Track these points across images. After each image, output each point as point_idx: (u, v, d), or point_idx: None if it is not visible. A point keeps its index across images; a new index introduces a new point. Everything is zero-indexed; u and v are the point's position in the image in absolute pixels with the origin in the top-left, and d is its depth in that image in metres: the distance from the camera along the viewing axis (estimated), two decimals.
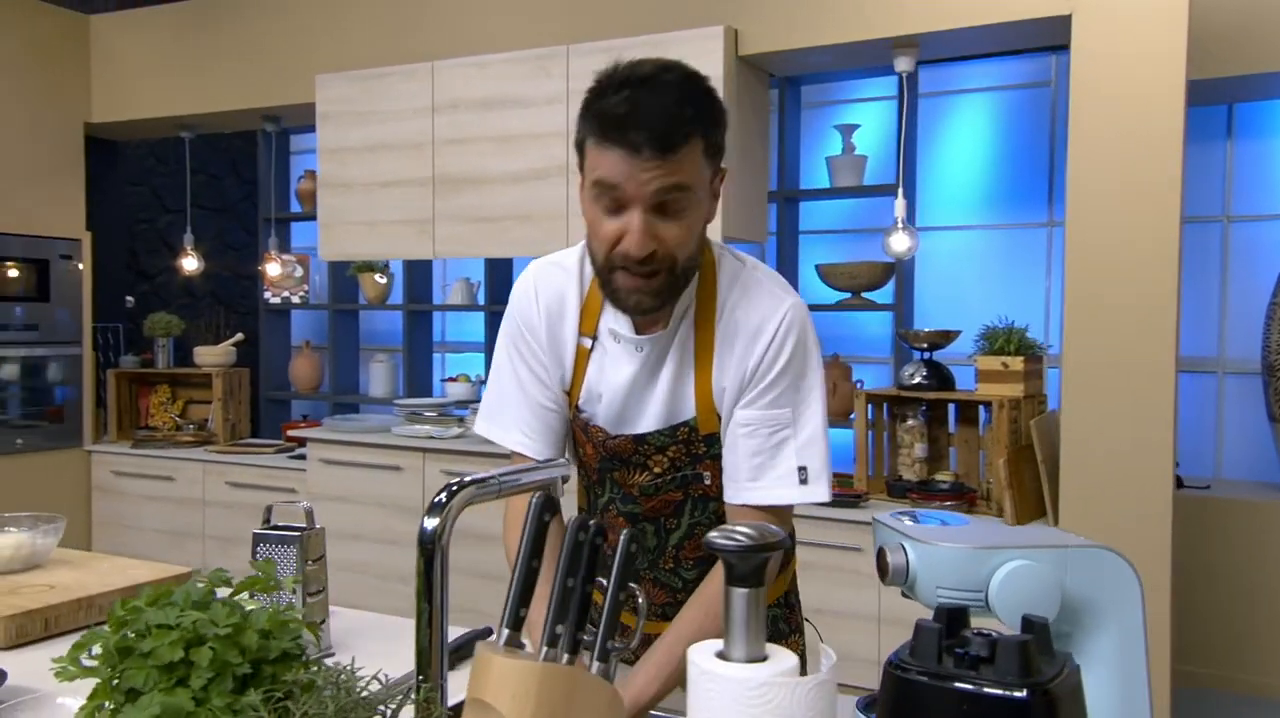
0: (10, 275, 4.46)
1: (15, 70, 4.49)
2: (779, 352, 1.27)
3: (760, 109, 3.78)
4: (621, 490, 1.40)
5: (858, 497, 3.39)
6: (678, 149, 1.14)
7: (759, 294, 1.30)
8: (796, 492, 1.28)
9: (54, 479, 4.60)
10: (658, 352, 1.32)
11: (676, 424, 1.33)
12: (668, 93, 1.15)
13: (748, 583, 0.77)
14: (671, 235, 1.19)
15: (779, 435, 1.28)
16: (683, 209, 1.18)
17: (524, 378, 1.40)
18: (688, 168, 1.16)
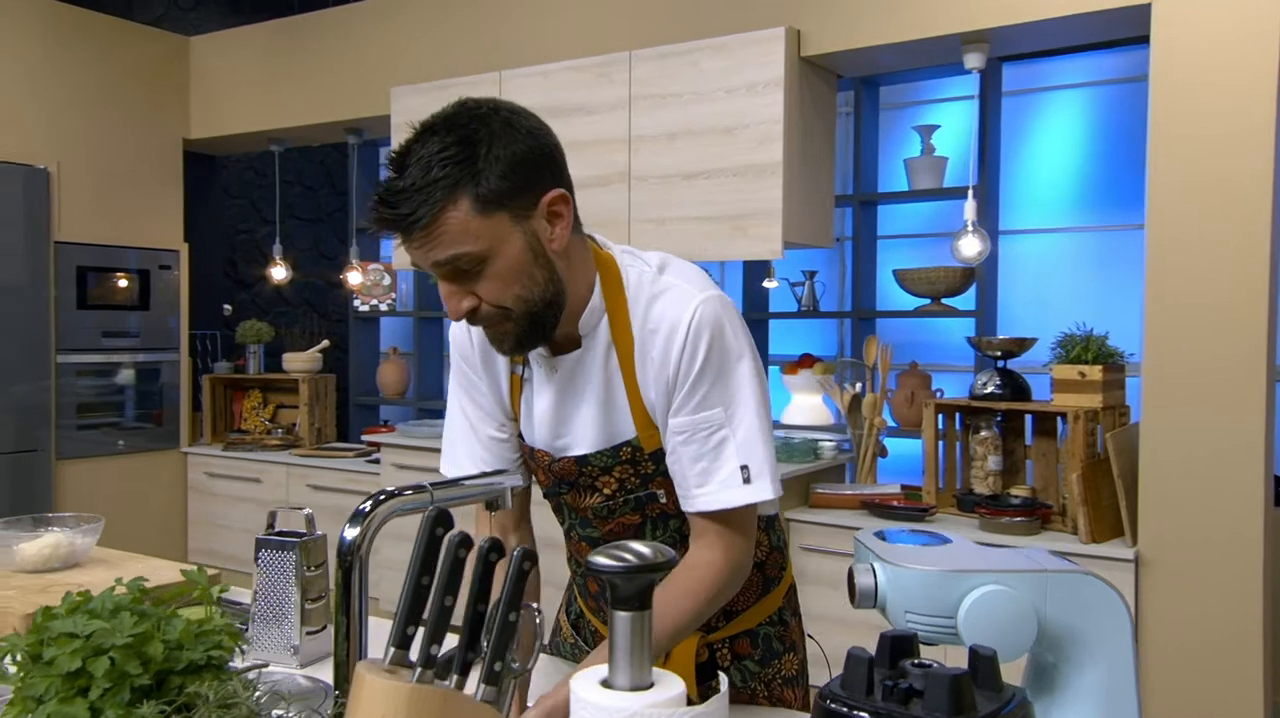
0: (120, 285, 4.72)
1: (122, 92, 4.75)
2: (695, 352, 1.21)
3: (825, 111, 3.69)
4: (578, 515, 1.37)
5: (924, 510, 3.27)
6: (432, 225, 1.10)
7: (667, 297, 1.24)
8: (742, 492, 1.22)
9: (153, 479, 4.84)
10: (574, 372, 1.29)
11: (618, 444, 1.29)
12: (415, 166, 1.10)
13: (632, 606, 0.74)
14: (486, 292, 1.15)
15: (717, 437, 1.23)
16: (478, 268, 1.14)
17: (470, 412, 1.40)
18: (454, 237, 1.10)
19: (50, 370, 4.46)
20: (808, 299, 4.48)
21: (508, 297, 1.16)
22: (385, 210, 1.11)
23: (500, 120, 1.14)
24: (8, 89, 4.33)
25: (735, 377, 1.23)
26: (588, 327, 1.27)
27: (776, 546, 1.46)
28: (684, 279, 1.26)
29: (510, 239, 1.14)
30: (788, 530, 3.42)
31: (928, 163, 4.08)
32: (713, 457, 1.23)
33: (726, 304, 1.25)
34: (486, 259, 1.13)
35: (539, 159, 1.16)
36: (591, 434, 1.29)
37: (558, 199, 1.18)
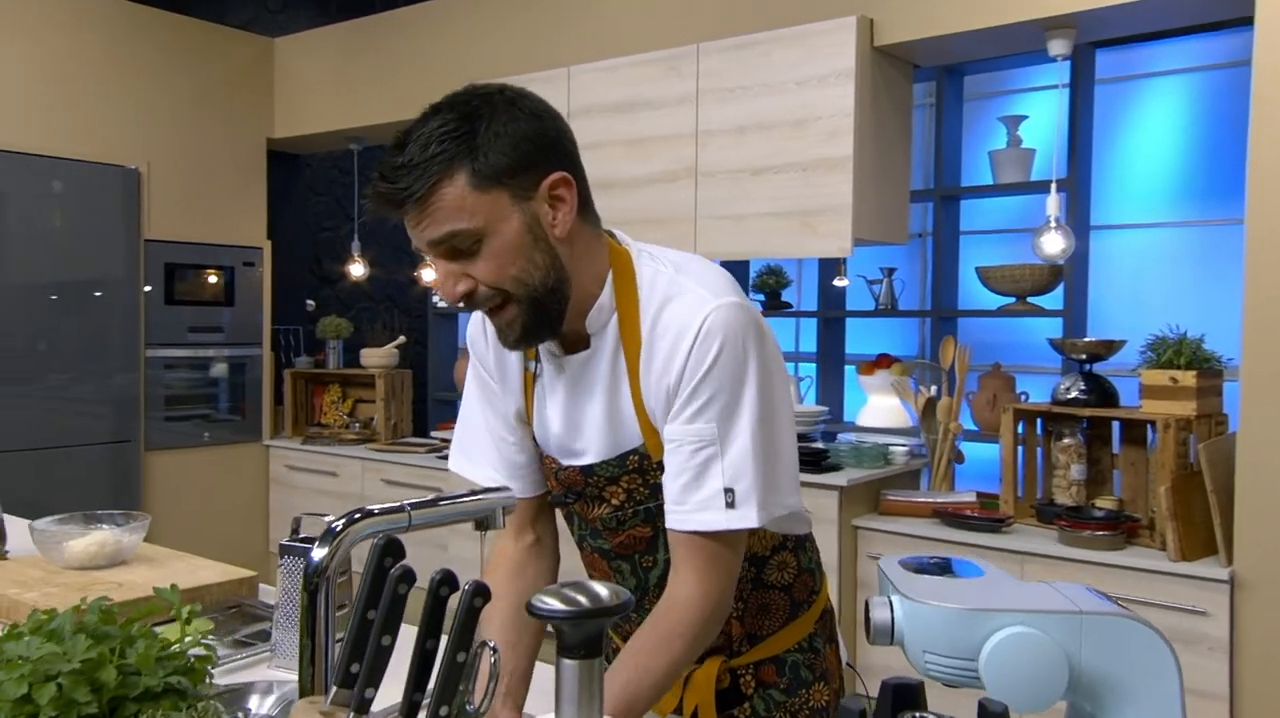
0: (206, 281, 4.86)
1: (210, 93, 4.88)
2: (700, 360, 1.13)
3: (900, 103, 3.55)
4: (587, 526, 1.31)
5: (1000, 521, 3.11)
6: (429, 198, 1.07)
7: (680, 301, 1.17)
8: (722, 516, 1.14)
9: (236, 471, 4.98)
10: (583, 373, 1.23)
11: (624, 452, 1.22)
12: (415, 143, 1.08)
13: (579, 654, 0.67)
14: (482, 273, 1.11)
15: (703, 454, 1.14)
16: (475, 247, 1.10)
17: (484, 411, 1.36)
18: (450, 212, 1.07)
19: (139, 364, 4.61)
20: (885, 297, 4.33)
21: (505, 278, 1.12)
22: (382, 185, 1.08)
23: (504, 99, 1.12)
24: (102, 92, 4.49)
25: (738, 394, 1.15)
26: (596, 325, 1.20)
27: (807, 567, 1.37)
28: (701, 283, 1.18)
29: (509, 218, 1.10)
30: (855, 538, 3.30)
31: (1014, 155, 3.90)
32: (694, 474, 1.15)
33: (744, 313, 1.16)
34: (483, 237, 1.09)
35: (542, 140, 1.12)
36: (599, 441, 1.23)
37: (560, 182, 1.13)
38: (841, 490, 3.24)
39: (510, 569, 1.36)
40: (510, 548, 1.38)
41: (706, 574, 1.16)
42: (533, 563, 1.38)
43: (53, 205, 4.32)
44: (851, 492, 3.29)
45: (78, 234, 4.40)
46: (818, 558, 1.41)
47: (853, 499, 3.30)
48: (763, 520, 1.15)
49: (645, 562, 1.29)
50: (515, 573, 1.36)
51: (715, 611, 1.18)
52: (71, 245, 4.38)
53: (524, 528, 1.38)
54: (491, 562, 1.38)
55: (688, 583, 1.16)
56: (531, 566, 1.37)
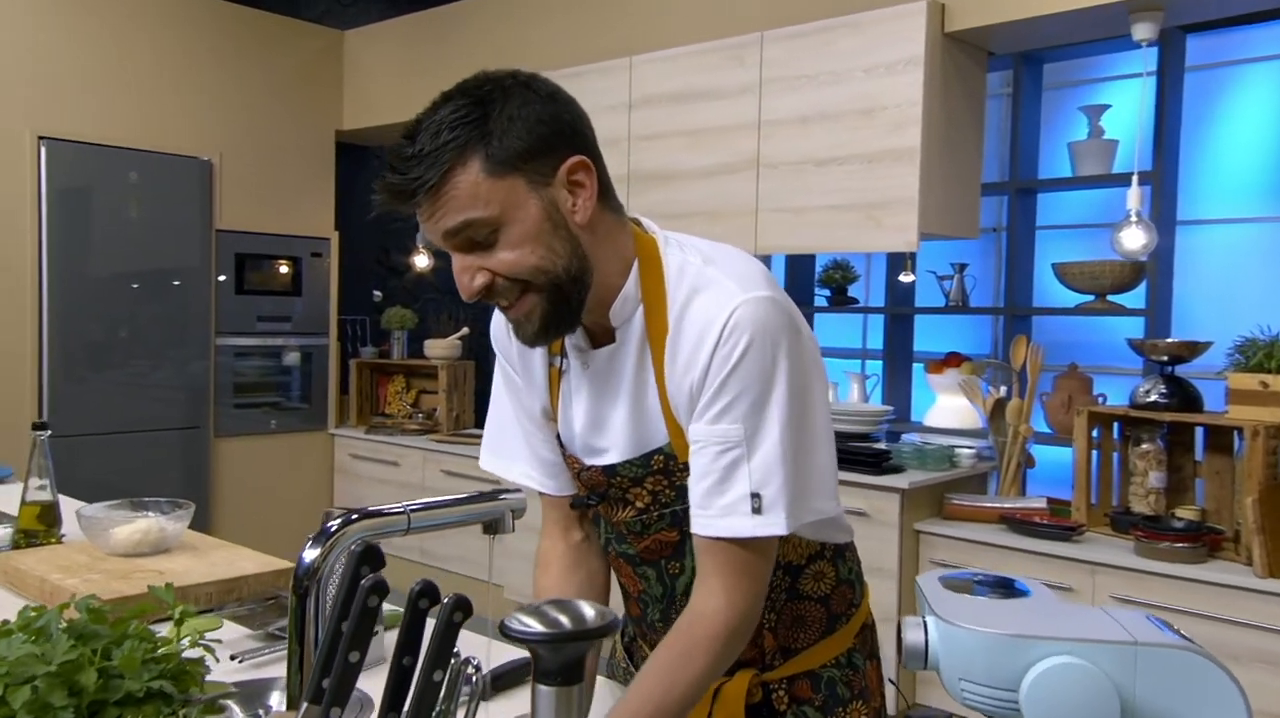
0: (274, 271, 4.93)
1: (281, 86, 4.95)
2: (727, 356, 1.06)
3: (973, 92, 3.41)
4: (613, 529, 1.25)
5: (1071, 529, 2.97)
6: (441, 187, 1.01)
7: (707, 293, 1.10)
8: (748, 522, 1.07)
9: (301, 459, 5.05)
10: (608, 368, 1.17)
11: (649, 452, 1.16)
12: (426, 132, 1.02)
13: (556, 680, 0.62)
14: (500, 264, 1.05)
15: (729, 456, 1.07)
16: (492, 237, 1.04)
17: (515, 409, 1.30)
18: (464, 201, 1.02)
19: (210, 352, 4.70)
20: (956, 294, 4.19)
21: (524, 268, 1.06)
22: (393, 177, 1.03)
23: (517, 83, 1.07)
24: (178, 85, 4.58)
25: (767, 392, 1.07)
26: (620, 317, 1.14)
27: (846, 578, 1.29)
28: (730, 274, 1.11)
29: (526, 205, 1.05)
30: (917, 542, 3.19)
31: (1095, 146, 3.72)
32: (720, 477, 1.08)
33: (774, 307, 1.08)
34: (500, 226, 1.04)
35: (558, 123, 1.07)
36: (623, 439, 1.17)
37: (579, 166, 1.07)
38: (903, 493, 3.13)
39: (564, 568, 1.30)
40: (559, 547, 1.32)
41: (733, 584, 1.10)
42: (585, 561, 1.32)
43: (130, 196, 4.43)
44: (913, 495, 3.17)
45: (154, 225, 4.49)
46: (859, 569, 1.33)
47: (915, 503, 3.19)
48: (791, 527, 1.08)
49: (672, 568, 1.23)
50: (570, 570, 1.30)
51: (742, 622, 1.11)
52: (149, 236, 4.48)
53: (570, 527, 1.33)
54: (540, 560, 1.32)
55: (714, 593, 1.10)
56: (585, 563, 1.32)
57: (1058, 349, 3.94)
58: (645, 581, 1.25)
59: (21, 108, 4.12)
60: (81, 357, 4.30)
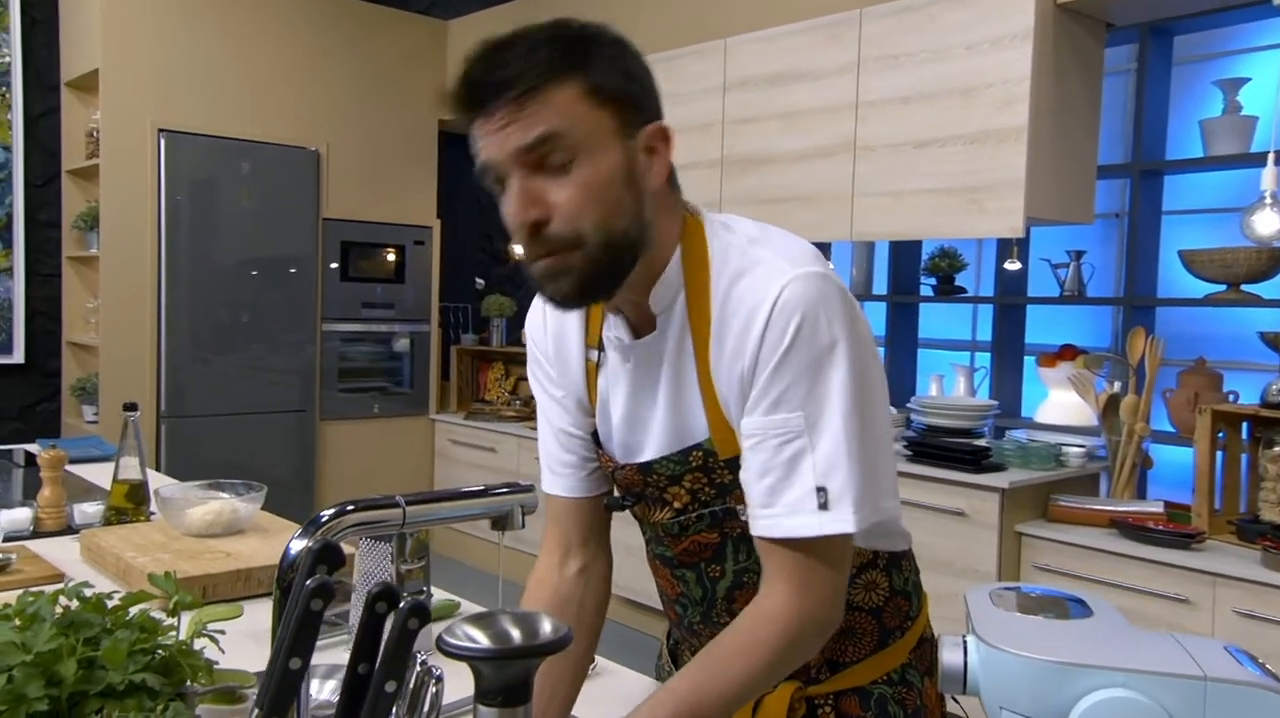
0: (379, 259, 5.04)
1: (386, 76, 5.04)
2: (777, 339, 0.97)
3: (1089, 67, 3.19)
4: (650, 530, 1.18)
5: (1190, 536, 2.76)
6: (533, 94, 0.93)
7: (754, 273, 1.01)
8: (815, 519, 0.97)
9: (403, 443, 5.15)
10: (648, 359, 1.09)
11: (687, 448, 1.08)
12: (520, 43, 0.95)
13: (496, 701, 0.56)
14: (562, 199, 0.95)
15: (791, 448, 0.98)
16: (566, 162, 0.94)
17: (546, 406, 1.23)
18: (556, 112, 0.94)
19: (317, 337, 4.83)
20: (1072, 283, 3.95)
21: (587, 215, 0.96)
22: (479, 69, 0.95)
23: (613, 34, 1.03)
24: (288, 77, 4.72)
25: (826, 375, 0.98)
26: (662, 302, 1.06)
27: (901, 589, 1.19)
28: (778, 253, 1.02)
29: (610, 148, 0.97)
30: (1019, 546, 3.02)
31: (1230, 124, 3.45)
32: (783, 472, 0.99)
33: (828, 284, 0.99)
34: (577, 155, 0.95)
35: (649, 83, 1.03)
36: (660, 434, 1.10)
37: (659, 132, 1.01)
38: (1003, 493, 2.97)
39: (551, 602, 1.21)
40: (552, 578, 1.22)
41: (802, 586, 1.01)
42: (578, 594, 1.21)
43: (242, 186, 4.58)
44: (1014, 494, 3.00)
45: (265, 214, 4.65)
46: (916, 578, 1.23)
47: (1017, 503, 3.01)
48: (859, 524, 0.98)
49: (712, 571, 1.16)
50: (558, 607, 1.21)
51: (811, 627, 1.02)
52: (261, 225, 4.64)
53: (569, 555, 1.23)
54: (528, 589, 1.24)
55: (779, 594, 1.01)
56: (573, 601, 1.21)
57: (1185, 342, 3.68)
58: (684, 583, 1.18)
59: (143, 102, 4.30)
60: (198, 341, 4.48)
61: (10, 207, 4.47)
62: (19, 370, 4.57)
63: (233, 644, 1.10)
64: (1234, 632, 2.55)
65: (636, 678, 1.41)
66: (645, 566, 1.25)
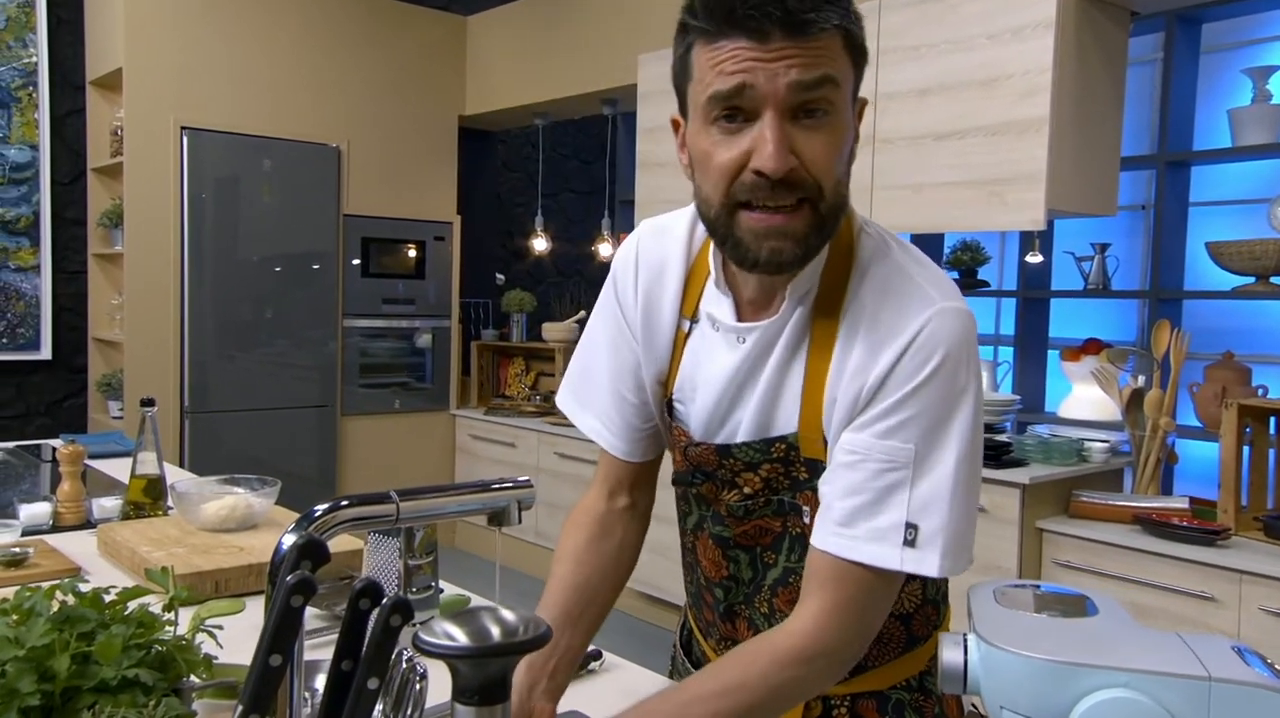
0: (399, 255, 5.06)
1: (406, 72, 5.06)
2: (915, 368, 0.95)
3: (1113, 56, 3.14)
4: (711, 508, 1.15)
5: (1215, 533, 2.71)
6: (817, 33, 0.89)
7: (903, 288, 0.98)
8: (896, 553, 0.95)
9: (424, 438, 5.17)
10: (763, 344, 1.05)
11: (771, 438, 1.05)
12: None
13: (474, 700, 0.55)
14: (815, 151, 0.91)
15: (891, 477, 0.96)
16: (828, 116, 0.91)
17: (610, 361, 1.20)
18: (834, 58, 0.91)
19: (338, 333, 4.86)
20: (1096, 276, 3.91)
21: (829, 169, 0.93)
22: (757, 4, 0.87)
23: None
24: (308, 74, 4.74)
25: (951, 417, 0.96)
26: (797, 290, 1.03)
27: (932, 598, 1.17)
28: (926, 278, 1.00)
29: (848, 108, 0.96)
30: (1040, 542, 2.98)
31: (1260, 113, 3.40)
32: (874, 497, 0.96)
33: (970, 325, 0.98)
34: (833, 107, 0.92)
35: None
36: (749, 419, 1.07)
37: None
38: (1023, 488, 2.93)
39: (594, 533, 1.22)
40: (599, 508, 1.24)
41: (842, 618, 0.98)
42: (620, 526, 1.24)
43: (264, 183, 4.61)
44: (1036, 490, 2.97)
45: (287, 210, 4.67)
46: (945, 589, 1.21)
47: (1038, 499, 2.98)
48: (945, 572, 0.96)
49: (767, 558, 1.13)
50: (599, 538, 1.22)
51: (839, 661, 1.00)
52: (282, 221, 4.66)
53: (618, 490, 1.24)
54: (571, 520, 1.24)
55: (818, 618, 0.98)
56: (619, 530, 1.23)
57: (1212, 336, 3.63)
58: (735, 564, 1.16)
59: (166, 99, 4.34)
60: (221, 337, 4.52)
61: (38, 205, 4.52)
62: (46, 367, 4.62)
63: (236, 639, 1.10)
64: (1261, 630, 2.51)
65: (641, 673, 1.41)
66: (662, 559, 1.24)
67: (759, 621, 1.16)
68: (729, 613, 1.19)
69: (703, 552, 1.20)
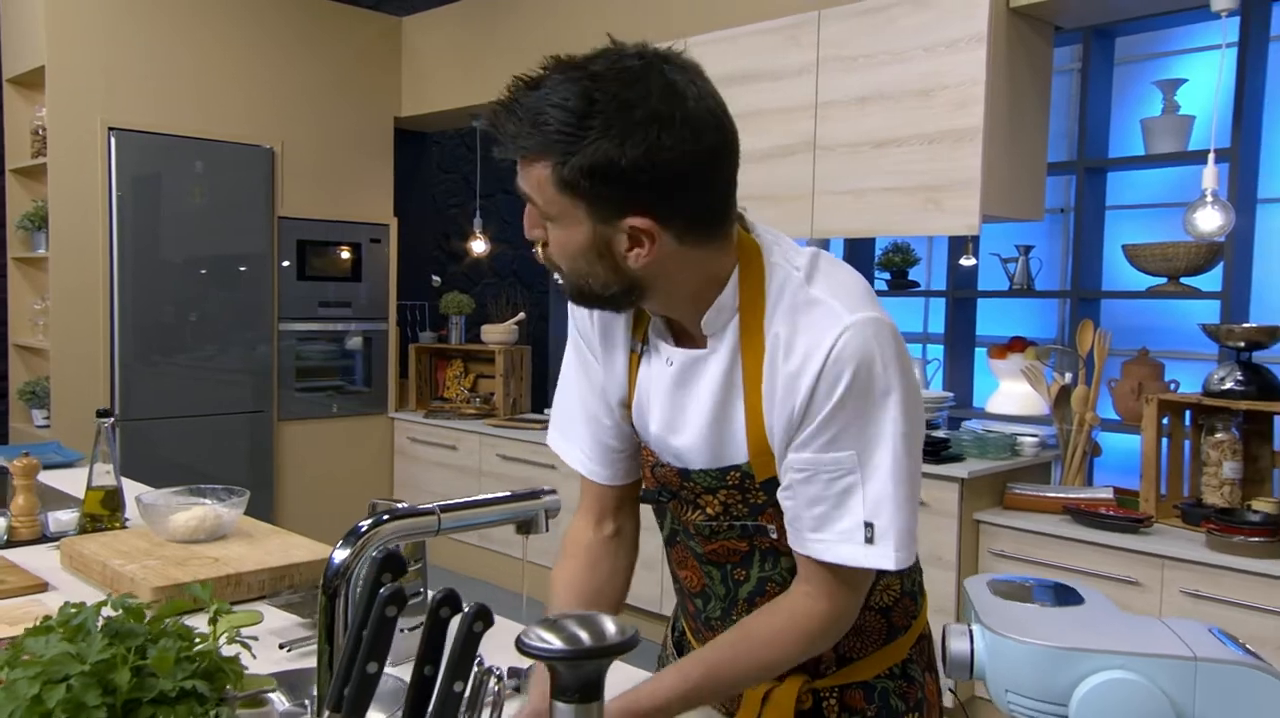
0: (335, 257, 5.00)
1: (340, 74, 5.00)
2: (833, 385, 1.02)
3: (1038, 68, 3.30)
4: (681, 524, 1.23)
5: (1138, 521, 2.88)
6: (521, 161, 1.02)
7: (809, 310, 1.05)
8: (860, 552, 1.04)
9: (362, 442, 5.12)
10: (693, 373, 1.13)
11: (725, 467, 1.13)
12: (537, 97, 0.98)
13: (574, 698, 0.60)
14: (550, 240, 1.06)
15: (843, 483, 1.04)
16: (554, 220, 1.03)
17: (581, 388, 1.27)
18: (534, 184, 1.01)
19: (273, 337, 4.78)
20: (1020, 277, 4.08)
21: (562, 262, 1.07)
22: (498, 114, 1.02)
23: (644, 113, 0.95)
24: (241, 74, 4.65)
25: (878, 418, 1.04)
26: (714, 326, 1.10)
27: (909, 591, 1.25)
28: (834, 294, 1.06)
29: (578, 225, 1.01)
30: (977, 533, 3.12)
31: (1169, 123, 3.58)
32: (834, 503, 1.05)
33: (882, 330, 1.04)
34: (551, 220, 1.04)
35: (654, 172, 0.97)
36: (700, 448, 1.14)
37: (641, 231, 1.01)
38: (962, 483, 3.07)
39: (586, 562, 1.29)
40: (587, 536, 1.30)
41: (830, 599, 1.10)
42: (610, 557, 1.30)
43: (196, 185, 4.51)
44: (973, 484, 3.10)
45: (220, 212, 4.58)
46: (920, 580, 1.30)
47: (975, 492, 3.12)
48: (899, 563, 1.04)
49: (737, 574, 1.21)
50: (591, 566, 1.29)
51: (830, 632, 1.11)
52: (215, 223, 4.57)
53: (605, 517, 1.31)
54: (563, 550, 1.31)
55: (815, 596, 1.10)
56: (608, 560, 1.30)
57: (1127, 334, 3.82)
58: (709, 578, 1.24)
59: (92, 99, 4.22)
60: (151, 342, 4.41)
61: None
62: None
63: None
64: (1181, 611, 2.67)
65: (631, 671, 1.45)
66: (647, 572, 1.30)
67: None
68: (708, 624, 1.27)
69: (680, 562, 1.27)
